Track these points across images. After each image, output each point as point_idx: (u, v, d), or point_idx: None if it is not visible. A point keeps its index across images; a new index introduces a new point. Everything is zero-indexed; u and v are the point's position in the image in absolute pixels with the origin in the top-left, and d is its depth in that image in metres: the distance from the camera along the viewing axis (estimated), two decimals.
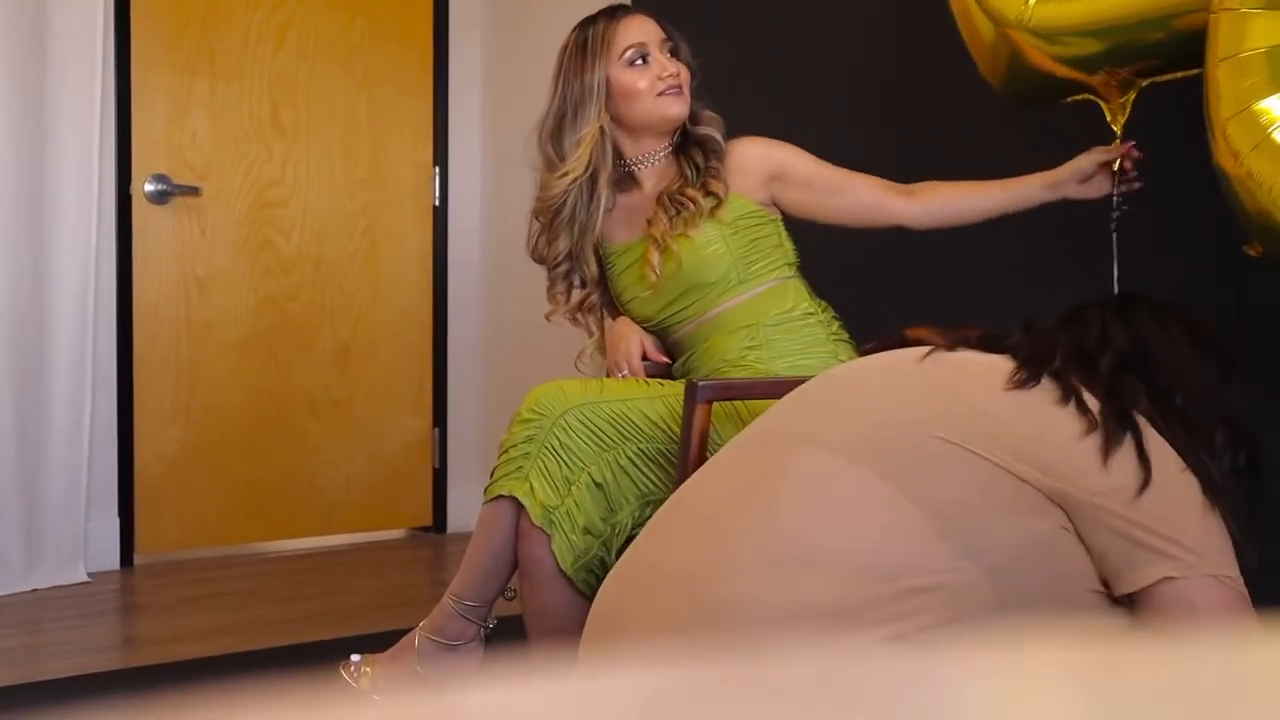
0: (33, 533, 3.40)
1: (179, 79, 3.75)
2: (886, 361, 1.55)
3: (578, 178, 2.24)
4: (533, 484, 2.01)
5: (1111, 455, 1.35)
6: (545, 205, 2.28)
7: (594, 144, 2.23)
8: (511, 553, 2.07)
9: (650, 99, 2.24)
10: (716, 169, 2.24)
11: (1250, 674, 0.43)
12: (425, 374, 4.20)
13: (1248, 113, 1.73)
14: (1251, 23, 1.74)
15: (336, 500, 4.04)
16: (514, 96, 4.17)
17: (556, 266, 2.33)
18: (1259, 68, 1.73)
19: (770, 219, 2.28)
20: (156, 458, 3.73)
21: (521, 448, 2.04)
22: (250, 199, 3.87)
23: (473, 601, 2.11)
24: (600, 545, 1.99)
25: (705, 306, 2.24)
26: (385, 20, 4.09)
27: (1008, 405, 1.39)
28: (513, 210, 4.21)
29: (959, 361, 1.48)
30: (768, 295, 2.23)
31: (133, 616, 3.36)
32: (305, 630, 2.98)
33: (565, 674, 0.39)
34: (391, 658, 2.16)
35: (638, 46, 2.24)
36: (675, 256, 2.20)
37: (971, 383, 1.43)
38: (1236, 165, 1.74)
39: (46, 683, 2.61)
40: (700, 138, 2.28)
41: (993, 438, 1.36)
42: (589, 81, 2.23)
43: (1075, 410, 1.38)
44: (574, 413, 2.03)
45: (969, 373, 1.45)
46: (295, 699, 0.35)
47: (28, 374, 3.39)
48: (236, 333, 3.87)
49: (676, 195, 2.23)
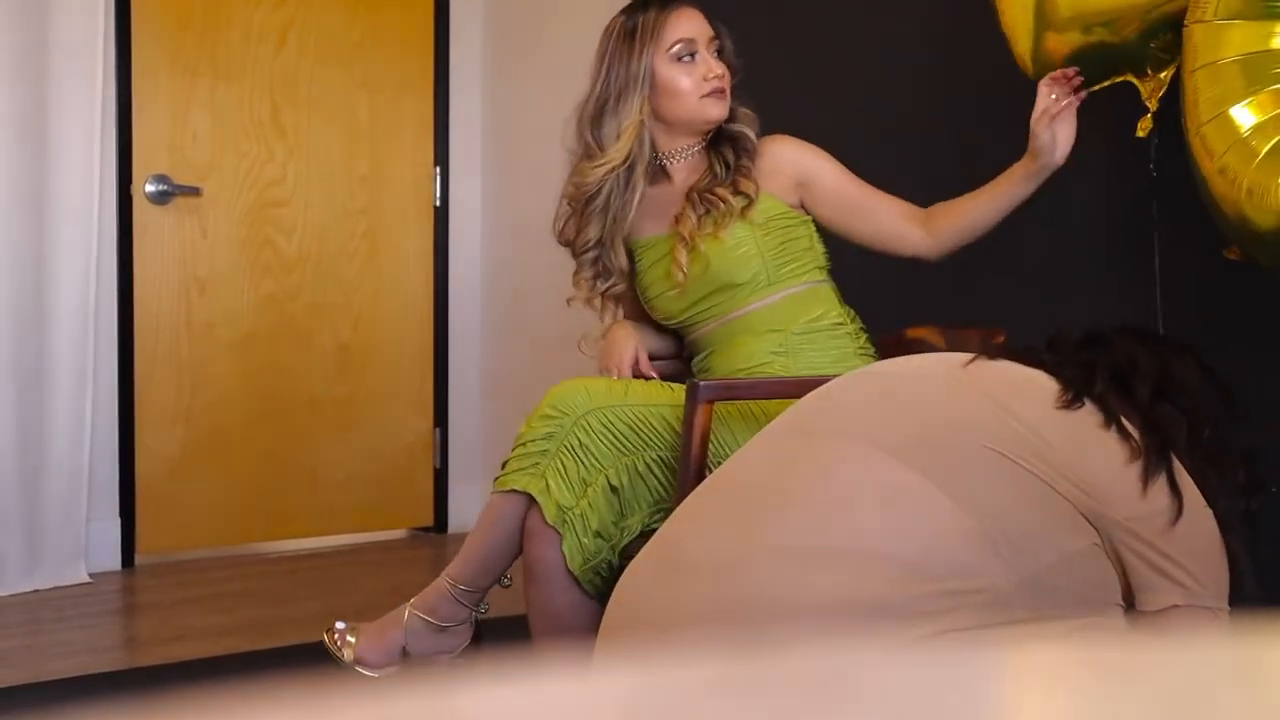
0: (34, 533, 3.40)
1: (180, 79, 3.75)
2: (929, 365, 1.58)
3: (615, 168, 2.20)
4: (549, 483, 1.99)
5: (1150, 484, 1.40)
6: (580, 192, 2.24)
7: (635, 135, 2.19)
8: (514, 545, 2.06)
9: (694, 99, 2.20)
10: (748, 167, 2.21)
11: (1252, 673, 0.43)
12: (426, 374, 4.20)
13: (1222, 117, 1.78)
14: (1226, 33, 1.80)
15: (337, 500, 4.04)
16: (515, 97, 4.17)
17: (585, 252, 2.28)
18: (1233, 75, 1.78)
19: (802, 220, 2.24)
20: (157, 458, 3.73)
21: (540, 444, 2.02)
22: (251, 199, 3.87)
23: (468, 587, 2.09)
24: (609, 549, 1.98)
25: (732, 306, 2.20)
26: (386, 20, 4.09)
27: (1056, 425, 1.43)
28: (513, 210, 4.22)
29: (1003, 372, 1.51)
30: (798, 299, 2.20)
31: (134, 617, 3.36)
32: (306, 630, 2.98)
33: (565, 674, 0.39)
34: (378, 629, 2.13)
35: (687, 43, 2.20)
36: (703, 257, 2.18)
37: (1020, 397, 1.46)
38: (1212, 166, 1.79)
39: (48, 683, 2.61)
40: (733, 134, 2.24)
41: (1043, 456, 1.39)
42: (634, 70, 2.19)
43: (1118, 436, 1.43)
44: (596, 414, 2.01)
45: (1016, 386, 1.48)
46: (296, 699, 0.35)
47: (29, 374, 3.39)
48: (237, 333, 3.87)
49: (706, 193, 2.19)
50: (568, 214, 2.31)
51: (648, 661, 0.39)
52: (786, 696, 0.38)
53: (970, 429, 1.42)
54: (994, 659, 0.43)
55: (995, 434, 1.40)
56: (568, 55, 3.97)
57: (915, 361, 1.62)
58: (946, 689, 0.40)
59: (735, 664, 0.40)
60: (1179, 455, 1.44)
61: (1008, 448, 1.39)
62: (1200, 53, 1.81)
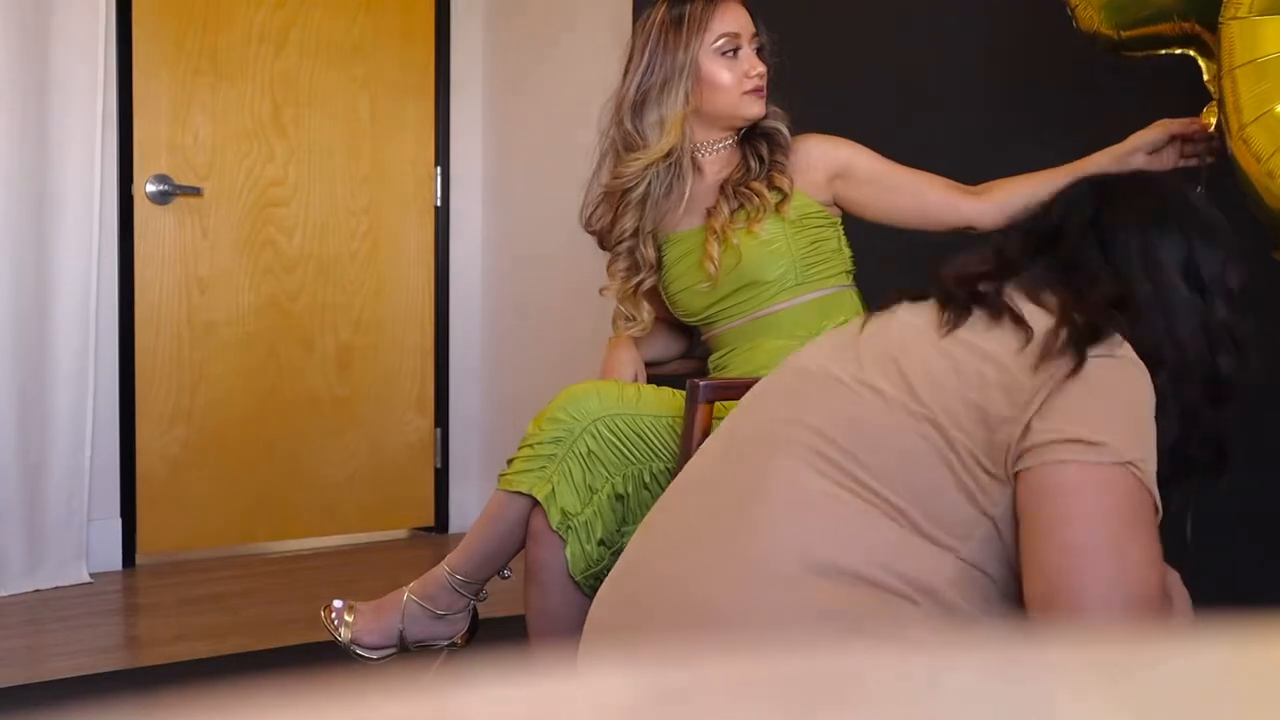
0: (35, 533, 3.41)
1: (181, 79, 3.75)
2: (829, 347, 1.44)
3: (654, 161, 2.17)
4: (555, 488, 1.97)
5: (1044, 361, 1.24)
6: (619, 183, 2.20)
7: (680, 128, 2.16)
8: (515, 541, 2.05)
9: (735, 95, 2.17)
10: (781, 164, 2.18)
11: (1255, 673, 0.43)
12: (427, 373, 4.21)
13: (1269, 116, 1.71)
14: (1263, 28, 1.73)
15: (338, 500, 4.04)
16: (515, 97, 4.17)
17: (620, 243, 2.24)
18: (1276, 71, 1.71)
19: (831, 221, 2.22)
20: (158, 458, 3.74)
21: (548, 447, 2.00)
22: (252, 199, 3.88)
23: (467, 578, 2.08)
24: (611, 556, 1.97)
25: (758, 305, 2.18)
26: (387, 20, 4.09)
27: (942, 362, 1.29)
28: (514, 210, 4.22)
29: (896, 327, 1.38)
30: (825, 302, 2.17)
31: (135, 617, 3.36)
32: (307, 630, 2.98)
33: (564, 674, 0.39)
34: (375, 611, 2.11)
35: (731, 37, 2.17)
36: (735, 250, 2.14)
37: (910, 351, 1.33)
38: (1260, 169, 1.72)
39: (49, 683, 2.61)
40: (767, 130, 2.21)
41: (938, 423, 1.26)
42: (680, 61, 2.16)
43: (1011, 326, 1.28)
44: (605, 421, 1.99)
45: (905, 347, 1.35)
46: (297, 699, 0.35)
47: (30, 374, 3.39)
48: (238, 333, 3.87)
49: (741, 187, 2.16)
50: (598, 201, 2.27)
51: (646, 662, 0.39)
52: (789, 696, 0.38)
53: (876, 418, 1.30)
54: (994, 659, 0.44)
55: (899, 424, 1.28)
56: (568, 55, 3.97)
57: (822, 347, 1.47)
58: (947, 689, 0.40)
59: (737, 664, 0.40)
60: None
61: (915, 433, 1.26)
62: (1238, 50, 1.74)
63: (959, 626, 1.24)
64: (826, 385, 1.38)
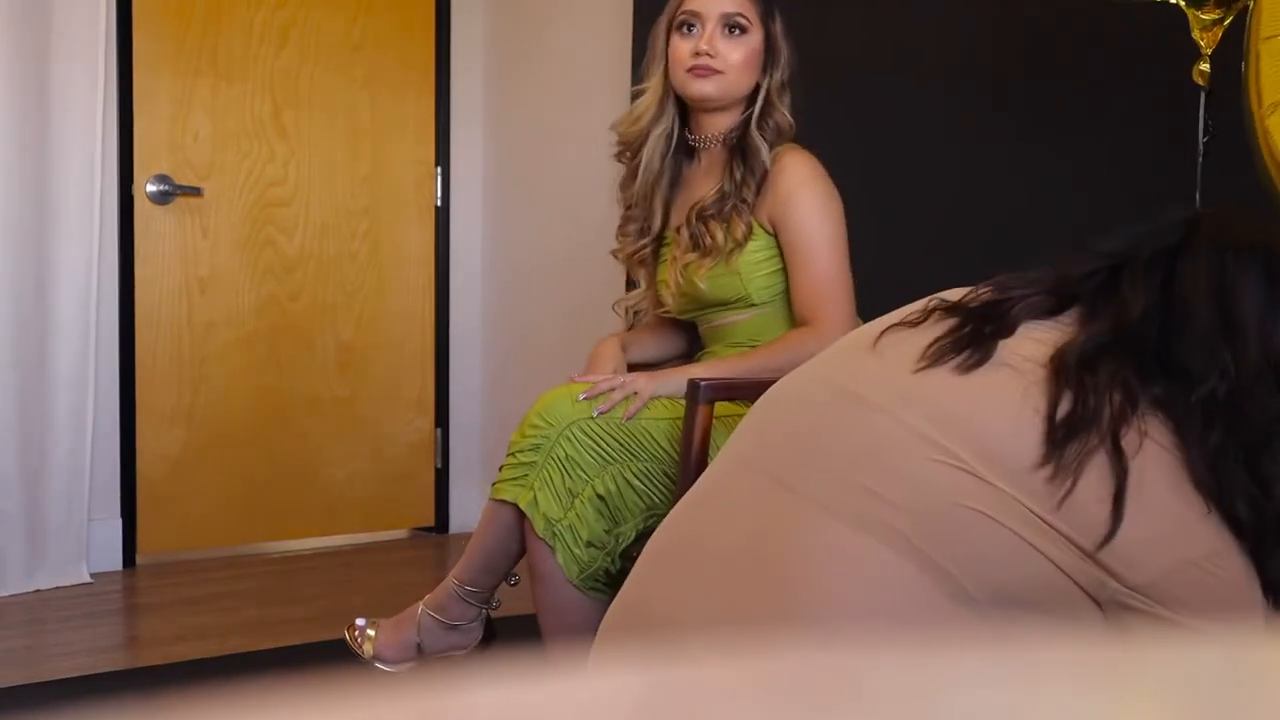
0: (35, 533, 3.41)
1: (181, 79, 3.75)
2: (847, 371, 1.32)
3: (645, 128, 2.23)
4: (536, 495, 1.99)
5: (1057, 454, 1.13)
6: (623, 144, 2.29)
7: (657, 97, 2.22)
8: (514, 548, 2.08)
9: (680, 71, 2.18)
10: (746, 203, 2.13)
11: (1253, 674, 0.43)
12: (427, 374, 4.21)
13: None
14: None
15: (339, 500, 4.04)
16: (516, 97, 4.17)
17: (630, 207, 2.31)
18: None
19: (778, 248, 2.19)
20: (159, 458, 3.74)
21: (527, 455, 2.02)
22: (252, 199, 3.87)
23: (473, 587, 2.12)
24: (605, 556, 1.98)
25: (714, 318, 2.22)
26: (387, 20, 4.09)
27: (956, 398, 1.18)
28: (514, 210, 4.22)
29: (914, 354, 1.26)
30: (772, 316, 2.18)
31: (135, 617, 3.36)
32: (308, 631, 2.98)
33: (572, 672, 0.39)
34: (394, 626, 2.17)
35: (690, 15, 2.19)
36: (690, 281, 2.18)
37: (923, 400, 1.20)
38: (1276, 167, 1.64)
39: (49, 683, 2.61)
40: (752, 149, 2.16)
41: (979, 474, 1.15)
42: (656, 33, 2.25)
43: (1010, 373, 1.17)
44: (580, 424, 2.00)
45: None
46: (298, 699, 0.35)
47: (30, 374, 3.39)
48: (238, 333, 3.87)
49: (699, 226, 2.16)
50: (621, 152, 2.34)
51: (658, 662, 0.39)
52: (799, 697, 0.38)
53: (922, 474, 1.18)
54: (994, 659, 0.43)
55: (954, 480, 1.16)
56: (569, 55, 3.97)
57: (831, 361, 1.37)
58: (947, 689, 0.40)
59: (748, 665, 0.40)
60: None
61: (979, 501, 1.15)
62: (1265, 23, 1.62)
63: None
64: (849, 428, 1.27)
